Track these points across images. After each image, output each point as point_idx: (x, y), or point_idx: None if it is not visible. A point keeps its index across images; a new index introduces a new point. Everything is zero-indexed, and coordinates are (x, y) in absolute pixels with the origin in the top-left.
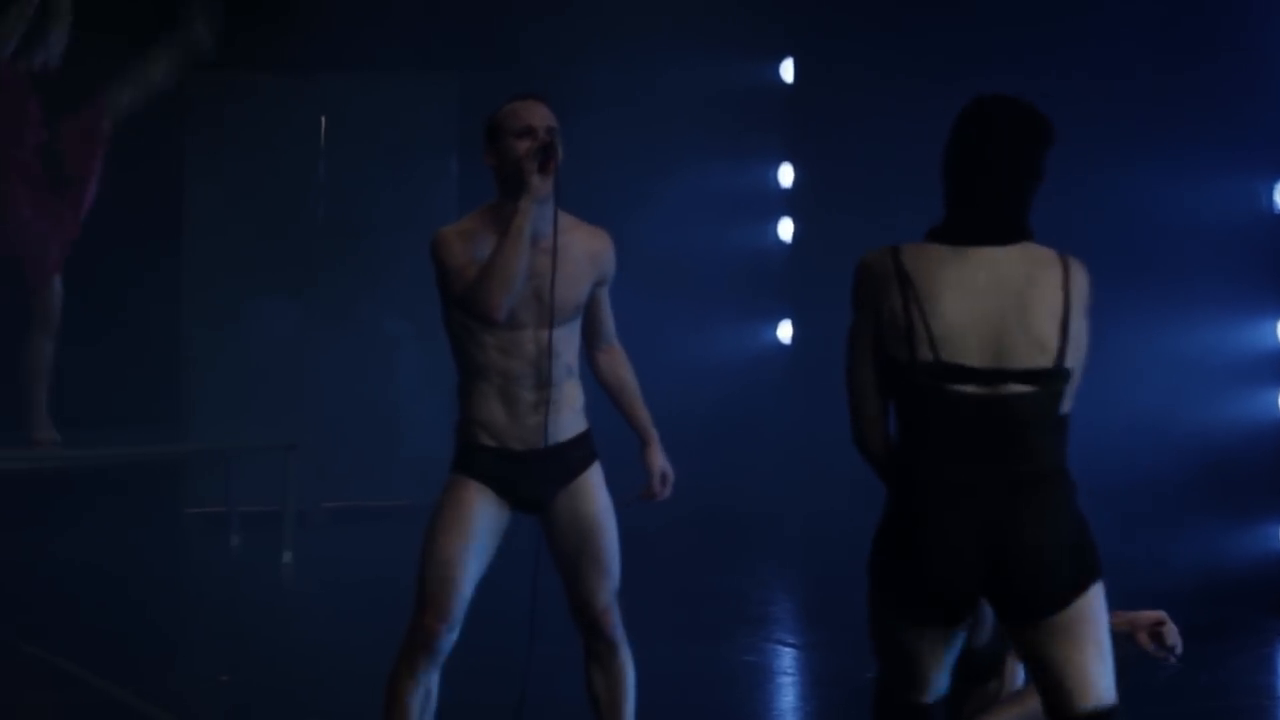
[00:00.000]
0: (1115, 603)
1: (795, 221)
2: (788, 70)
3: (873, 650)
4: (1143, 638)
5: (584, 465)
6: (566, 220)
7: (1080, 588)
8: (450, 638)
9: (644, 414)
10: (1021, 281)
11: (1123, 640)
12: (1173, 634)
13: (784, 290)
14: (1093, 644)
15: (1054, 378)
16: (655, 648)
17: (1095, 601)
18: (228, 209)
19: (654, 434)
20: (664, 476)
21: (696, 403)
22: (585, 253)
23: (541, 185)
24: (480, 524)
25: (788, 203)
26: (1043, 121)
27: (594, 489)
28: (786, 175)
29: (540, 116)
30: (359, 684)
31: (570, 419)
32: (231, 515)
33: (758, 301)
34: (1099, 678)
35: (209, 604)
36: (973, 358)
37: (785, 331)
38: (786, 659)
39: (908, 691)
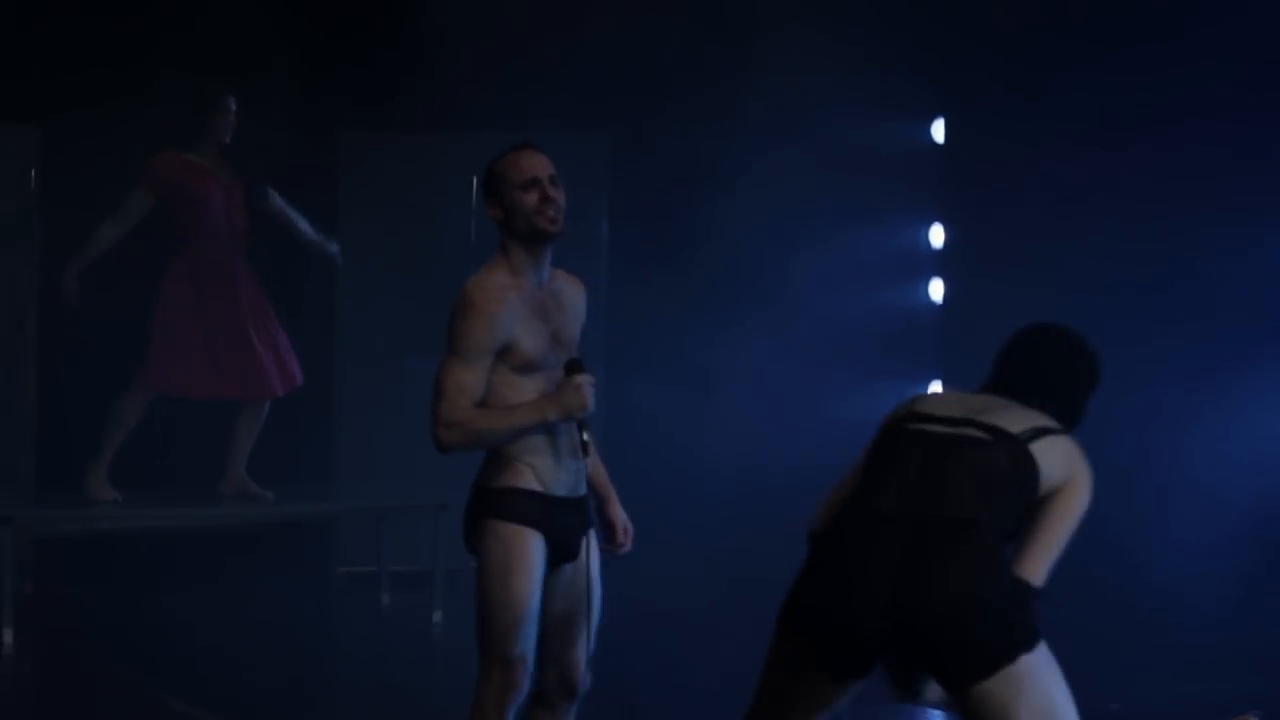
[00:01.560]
0: None
1: (946, 282)
2: (939, 130)
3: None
4: None
5: (590, 522)
6: (553, 269)
7: (1007, 657)
8: (524, 683)
9: (603, 470)
10: (1029, 409)
11: None
12: None
13: (935, 351)
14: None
15: (1014, 442)
16: None
17: (1029, 675)
18: (379, 268)
19: (612, 490)
20: (625, 529)
21: (844, 462)
22: (576, 297)
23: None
24: (540, 570)
25: (939, 263)
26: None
27: (595, 548)
28: (937, 236)
29: (542, 165)
30: None
31: (588, 471)
32: (382, 574)
33: (908, 363)
34: None
35: (359, 662)
36: (946, 410)
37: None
38: None
39: None
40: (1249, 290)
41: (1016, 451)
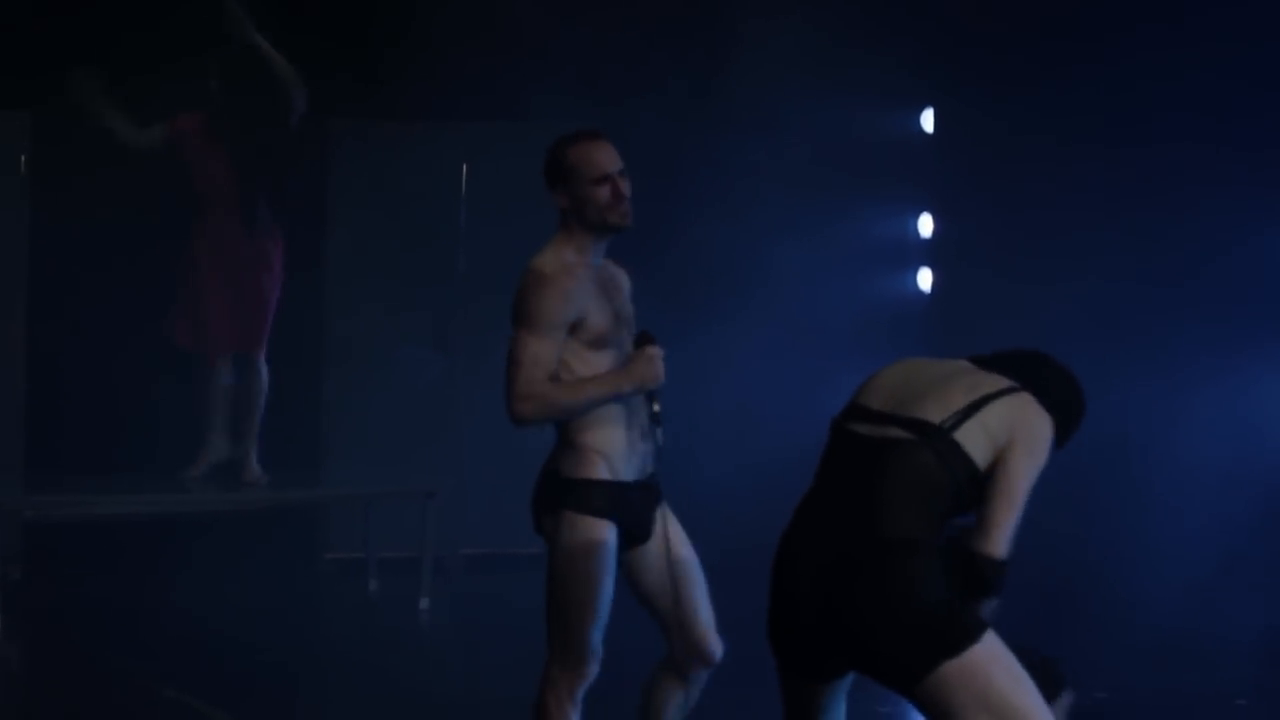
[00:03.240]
0: None
1: (935, 272)
2: (928, 120)
3: None
4: None
5: (660, 496)
6: None
7: (923, 667)
8: (596, 669)
9: None
10: (977, 374)
11: None
12: None
13: (923, 341)
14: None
15: (937, 434)
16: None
17: (960, 678)
18: (369, 255)
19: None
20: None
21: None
22: (625, 284)
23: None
24: (614, 560)
25: (927, 253)
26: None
27: (674, 517)
28: (926, 226)
29: (613, 160)
30: None
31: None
32: (370, 561)
33: (897, 352)
34: None
35: (346, 649)
36: (879, 401)
37: None
38: None
39: None
40: (1238, 281)
41: (940, 445)
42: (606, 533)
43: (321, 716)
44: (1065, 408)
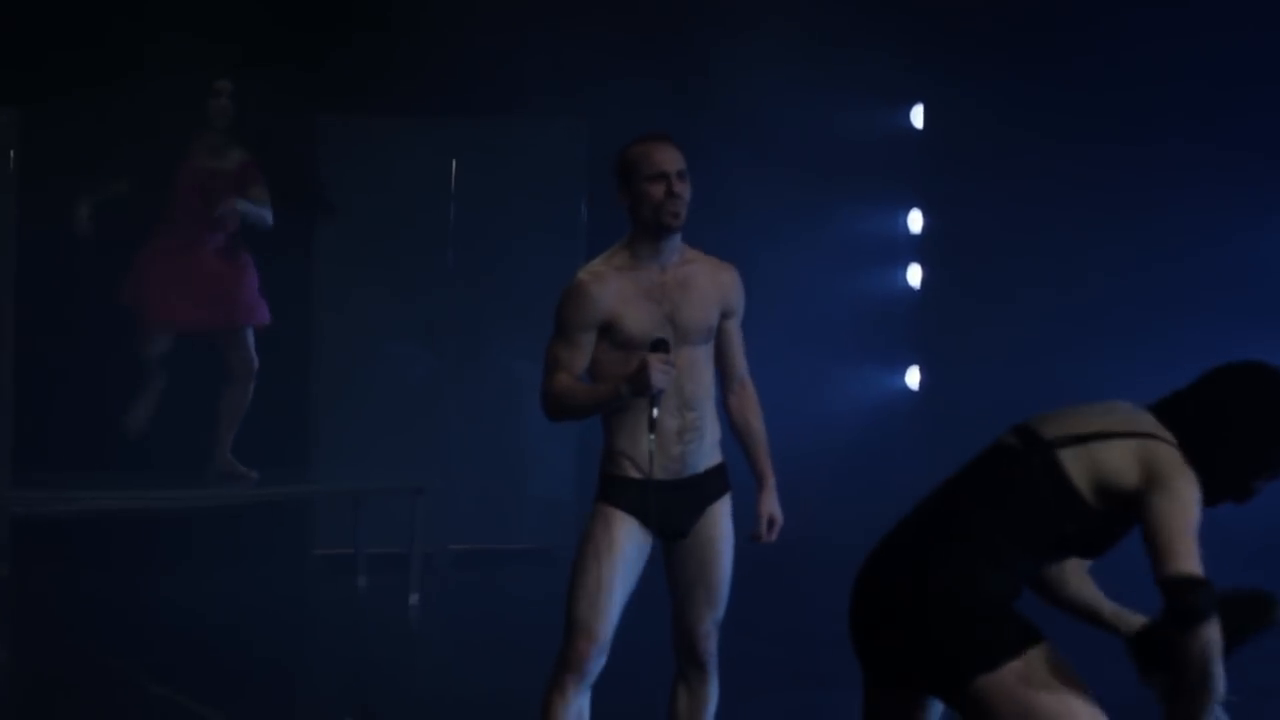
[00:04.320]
0: None
1: (924, 267)
2: (918, 116)
3: None
4: None
5: (718, 495)
6: (692, 253)
7: (965, 675)
8: (600, 661)
9: (766, 460)
10: (1132, 414)
11: None
12: None
13: (912, 336)
14: None
15: (1043, 449)
16: (768, 693)
17: (996, 692)
18: (357, 252)
19: (771, 480)
20: (772, 521)
21: (823, 447)
22: (711, 281)
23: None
24: (627, 552)
25: (917, 249)
26: None
27: (721, 517)
28: (916, 221)
29: (672, 160)
30: None
31: (709, 449)
32: (358, 557)
33: (886, 347)
34: None
35: (335, 645)
36: (1034, 420)
37: (913, 378)
38: None
39: None
40: (1229, 275)
41: (1040, 459)
42: (619, 524)
43: (310, 712)
44: (1230, 461)
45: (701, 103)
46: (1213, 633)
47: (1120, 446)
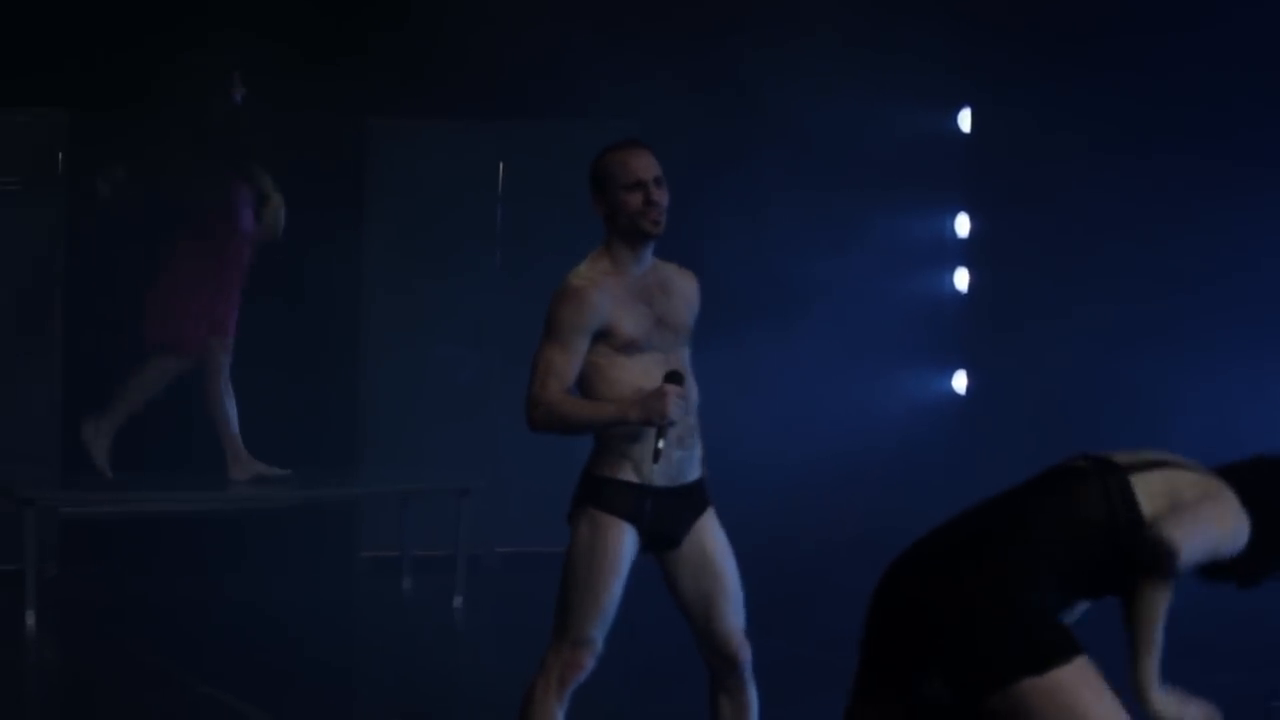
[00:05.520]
0: None
1: (971, 271)
2: (965, 120)
3: None
4: None
5: (704, 506)
6: (657, 259)
7: (1009, 676)
8: (592, 665)
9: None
10: (1197, 466)
11: None
12: None
13: (959, 341)
14: None
15: (1114, 472)
16: (815, 694)
17: (1040, 696)
18: (406, 254)
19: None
20: None
21: (870, 450)
22: (681, 288)
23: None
24: (626, 561)
25: (964, 252)
26: None
27: (716, 527)
28: (963, 225)
29: (648, 168)
30: None
31: (699, 459)
32: (404, 559)
33: (933, 351)
34: None
35: (380, 647)
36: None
37: (960, 382)
38: None
39: None
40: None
41: (1111, 481)
42: (619, 533)
43: (355, 714)
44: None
45: (748, 106)
46: (1167, 594)
47: (1191, 477)
